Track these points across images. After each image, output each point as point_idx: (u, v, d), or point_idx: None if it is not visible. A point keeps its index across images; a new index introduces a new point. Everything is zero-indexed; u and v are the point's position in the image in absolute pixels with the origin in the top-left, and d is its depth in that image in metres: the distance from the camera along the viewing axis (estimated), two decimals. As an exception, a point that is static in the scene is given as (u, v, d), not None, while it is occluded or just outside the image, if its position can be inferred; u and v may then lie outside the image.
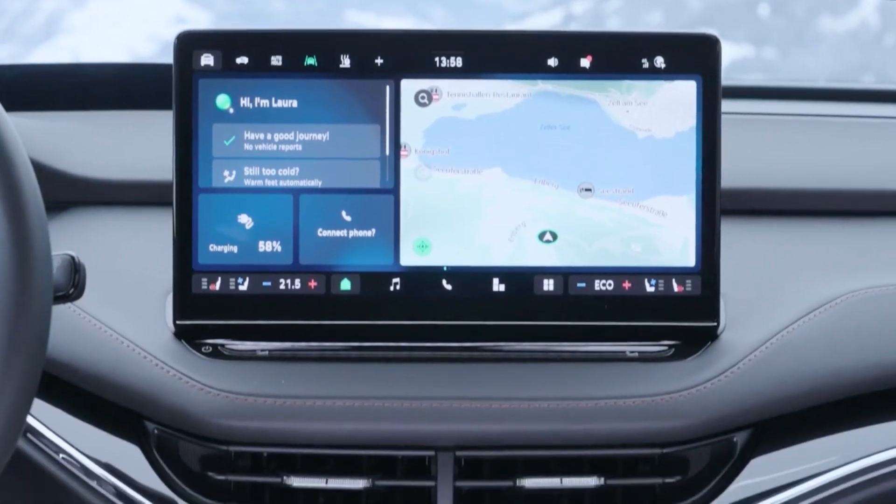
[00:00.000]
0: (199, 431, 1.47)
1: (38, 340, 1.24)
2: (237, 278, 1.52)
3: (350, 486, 1.48)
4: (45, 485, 1.47)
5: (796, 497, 1.48)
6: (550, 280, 1.53)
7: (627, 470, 1.50)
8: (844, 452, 1.50)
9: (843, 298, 1.56)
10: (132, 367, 1.48)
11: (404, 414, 1.46)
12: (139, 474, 1.49)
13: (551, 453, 1.48)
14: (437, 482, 1.47)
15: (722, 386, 1.48)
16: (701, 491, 1.50)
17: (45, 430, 1.48)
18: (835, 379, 1.50)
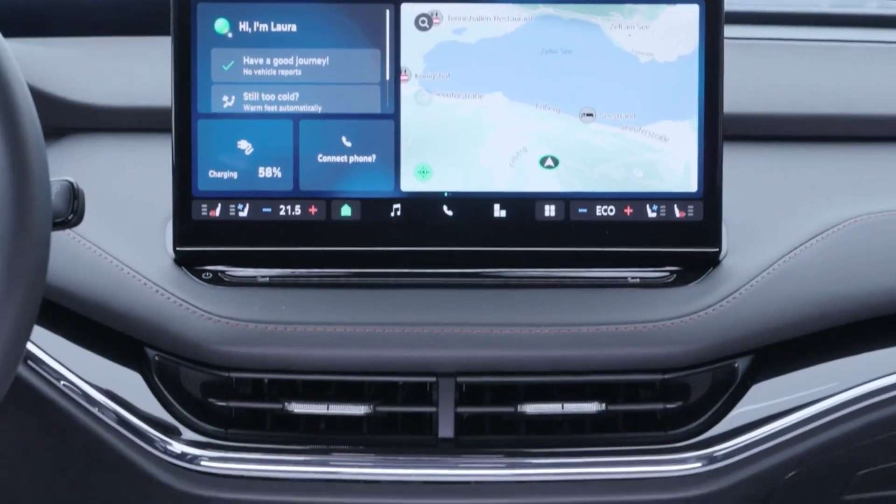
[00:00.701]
0: (200, 358, 1.47)
1: (37, 266, 1.24)
2: (237, 204, 1.52)
3: (351, 412, 1.48)
4: (47, 412, 1.47)
5: (797, 423, 1.48)
6: (551, 206, 1.52)
7: (628, 396, 1.50)
8: (845, 378, 1.50)
9: (845, 224, 1.56)
10: (132, 294, 1.48)
11: (405, 340, 1.46)
12: (140, 401, 1.49)
13: (552, 379, 1.48)
14: (438, 408, 1.47)
15: (723, 312, 1.48)
16: (702, 417, 1.50)
17: (45, 357, 1.47)
18: (836, 305, 1.50)
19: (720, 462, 1.48)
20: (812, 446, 1.49)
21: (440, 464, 1.47)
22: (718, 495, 1.49)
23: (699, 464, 1.48)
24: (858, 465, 1.55)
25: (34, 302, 1.24)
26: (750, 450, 1.48)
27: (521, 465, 1.47)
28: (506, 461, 1.47)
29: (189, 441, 1.48)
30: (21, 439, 1.52)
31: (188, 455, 1.48)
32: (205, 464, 1.48)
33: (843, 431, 1.49)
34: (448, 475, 1.47)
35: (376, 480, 1.47)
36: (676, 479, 1.48)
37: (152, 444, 1.48)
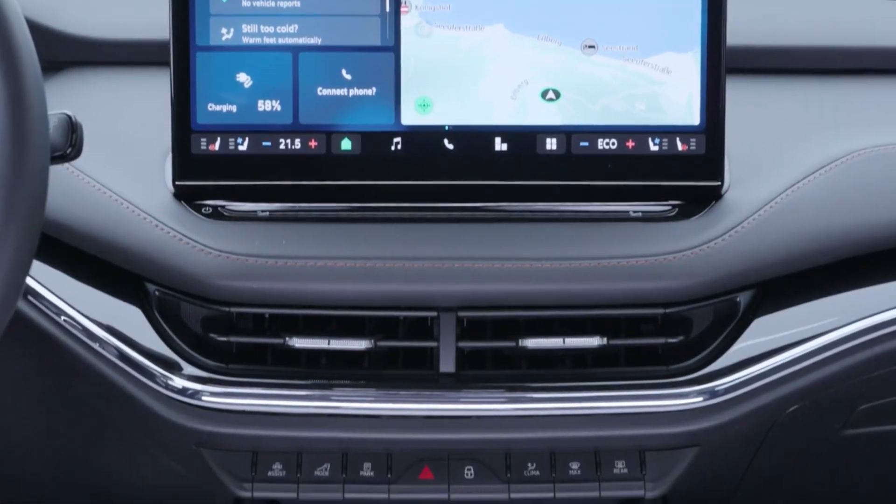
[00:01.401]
0: (200, 293, 1.47)
1: (35, 200, 1.23)
2: (237, 138, 1.51)
3: (352, 347, 1.48)
4: (47, 347, 1.47)
5: (799, 357, 1.48)
6: (553, 139, 1.51)
7: (630, 330, 1.50)
8: (847, 313, 1.50)
9: (848, 157, 1.55)
10: (132, 229, 1.47)
11: (406, 274, 1.45)
12: (141, 336, 1.49)
13: (554, 313, 1.47)
14: (439, 342, 1.47)
15: (726, 245, 1.47)
16: (703, 351, 1.50)
17: (45, 293, 1.47)
18: (839, 238, 1.49)
19: (722, 396, 1.48)
20: (814, 380, 1.49)
21: (441, 398, 1.47)
22: (720, 429, 1.49)
23: (700, 398, 1.48)
24: (860, 400, 1.55)
25: (33, 235, 1.24)
26: (751, 384, 1.48)
27: (521, 399, 1.47)
28: (507, 395, 1.47)
29: (190, 376, 1.48)
30: (22, 375, 1.52)
31: (189, 390, 1.48)
32: (206, 399, 1.48)
33: (844, 366, 1.49)
34: (449, 409, 1.47)
35: (377, 415, 1.47)
36: (678, 414, 1.48)
37: (153, 379, 1.48)
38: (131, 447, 1.57)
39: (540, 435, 1.48)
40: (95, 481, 1.65)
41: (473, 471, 1.53)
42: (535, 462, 1.53)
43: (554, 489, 1.53)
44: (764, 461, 1.57)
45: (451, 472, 1.53)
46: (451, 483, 1.53)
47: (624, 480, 1.53)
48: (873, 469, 1.68)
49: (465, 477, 1.53)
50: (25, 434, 1.60)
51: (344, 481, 1.53)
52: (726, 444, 1.52)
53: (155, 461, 1.57)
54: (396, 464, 1.53)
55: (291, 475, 1.53)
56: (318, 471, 1.53)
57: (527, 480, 1.52)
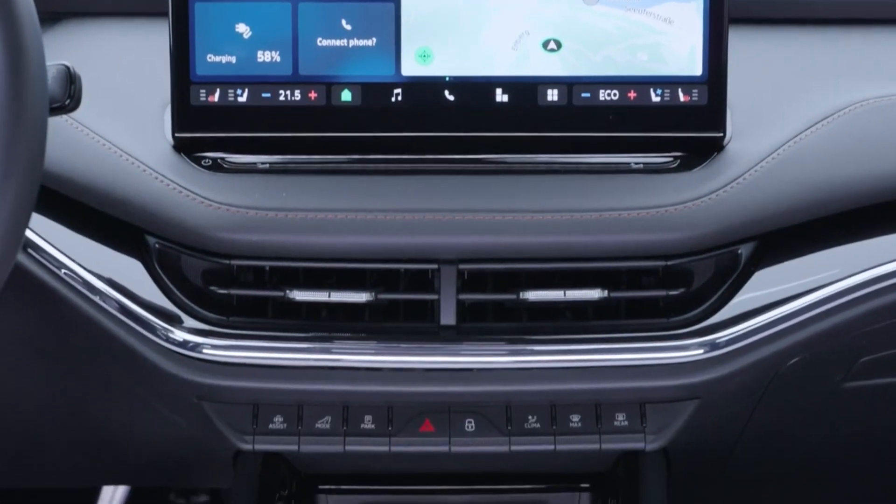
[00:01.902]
0: (201, 245, 1.46)
1: (34, 151, 1.23)
2: (236, 89, 1.50)
3: (353, 300, 1.47)
4: (48, 300, 1.47)
5: (800, 309, 1.48)
6: (554, 90, 1.50)
7: (631, 283, 1.50)
8: (848, 265, 1.50)
9: (851, 108, 1.54)
10: (131, 181, 1.47)
11: (407, 226, 1.45)
12: (141, 289, 1.49)
13: (555, 266, 1.47)
14: (439, 295, 1.47)
15: (727, 197, 1.46)
16: (704, 304, 1.49)
17: (45, 245, 1.47)
18: (842, 189, 1.48)
19: (722, 349, 1.48)
20: (814, 333, 1.49)
21: (442, 351, 1.47)
22: (720, 381, 1.49)
23: (701, 350, 1.48)
24: (860, 352, 1.55)
25: (32, 187, 1.23)
26: (752, 336, 1.48)
27: (522, 351, 1.47)
28: (507, 348, 1.47)
29: (191, 329, 1.48)
30: (23, 328, 1.52)
31: (190, 343, 1.48)
32: (207, 351, 1.48)
33: (845, 318, 1.49)
34: (450, 362, 1.47)
35: (378, 367, 1.47)
36: (678, 366, 1.48)
37: (154, 331, 1.48)
38: (132, 400, 1.57)
39: (540, 387, 1.48)
40: (97, 433, 1.65)
41: (474, 423, 1.53)
42: (536, 414, 1.53)
43: (554, 441, 1.53)
44: (764, 414, 1.57)
45: (451, 425, 1.53)
46: (452, 435, 1.53)
47: (624, 433, 1.53)
48: (873, 421, 1.68)
49: (466, 429, 1.53)
50: (27, 386, 1.60)
51: (345, 434, 1.53)
52: (727, 396, 1.52)
53: (156, 414, 1.57)
54: (397, 416, 1.53)
55: (292, 428, 1.53)
56: (318, 423, 1.53)
57: (527, 433, 1.53)
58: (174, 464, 1.72)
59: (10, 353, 1.55)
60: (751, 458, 1.68)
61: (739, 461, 1.68)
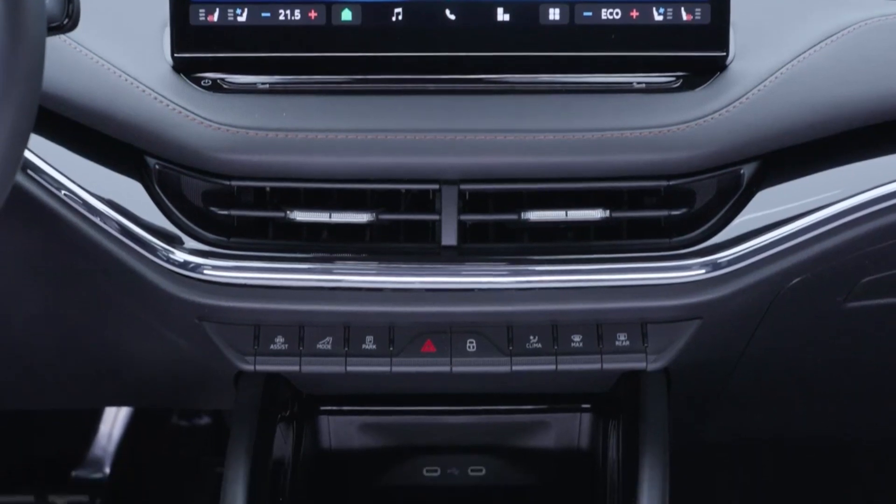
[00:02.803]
0: (201, 166, 1.46)
1: (33, 71, 1.22)
2: (235, 9, 1.48)
3: (354, 220, 1.47)
4: (48, 222, 1.47)
5: (802, 229, 1.48)
6: (556, 9, 1.49)
7: (633, 203, 1.50)
8: (851, 185, 1.49)
9: (855, 27, 1.53)
10: (131, 101, 1.46)
11: (408, 146, 1.44)
12: (142, 210, 1.48)
13: (556, 186, 1.47)
14: (440, 215, 1.46)
15: (730, 116, 1.46)
16: (706, 224, 1.49)
17: (45, 167, 1.46)
18: (846, 108, 1.47)
19: (724, 269, 1.47)
20: (816, 253, 1.48)
21: (443, 271, 1.47)
22: (722, 301, 1.49)
23: (703, 270, 1.48)
24: (862, 272, 1.55)
25: (31, 106, 1.23)
26: (754, 256, 1.48)
27: (524, 272, 1.47)
28: (509, 268, 1.47)
29: (191, 250, 1.48)
30: (23, 250, 1.52)
31: (191, 263, 1.48)
32: (207, 272, 1.48)
33: (847, 238, 1.48)
34: (451, 282, 1.47)
35: (379, 288, 1.47)
36: (680, 286, 1.48)
37: (155, 252, 1.48)
38: (133, 321, 1.57)
39: (542, 307, 1.48)
40: (99, 355, 1.66)
41: (475, 343, 1.53)
42: (537, 335, 1.53)
43: (556, 361, 1.53)
44: (766, 334, 1.58)
45: (452, 345, 1.53)
46: (453, 356, 1.53)
47: (625, 353, 1.54)
48: (874, 342, 1.68)
49: (468, 350, 1.53)
50: (28, 309, 1.61)
51: (346, 354, 1.53)
52: (728, 316, 1.52)
53: (158, 335, 1.58)
54: (398, 337, 1.53)
55: (293, 348, 1.53)
56: (320, 344, 1.53)
57: (529, 353, 1.53)
58: (176, 385, 1.72)
59: (11, 275, 1.55)
60: (751, 378, 1.69)
61: (740, 381, 1.68)
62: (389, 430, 1.67)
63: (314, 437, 1.66)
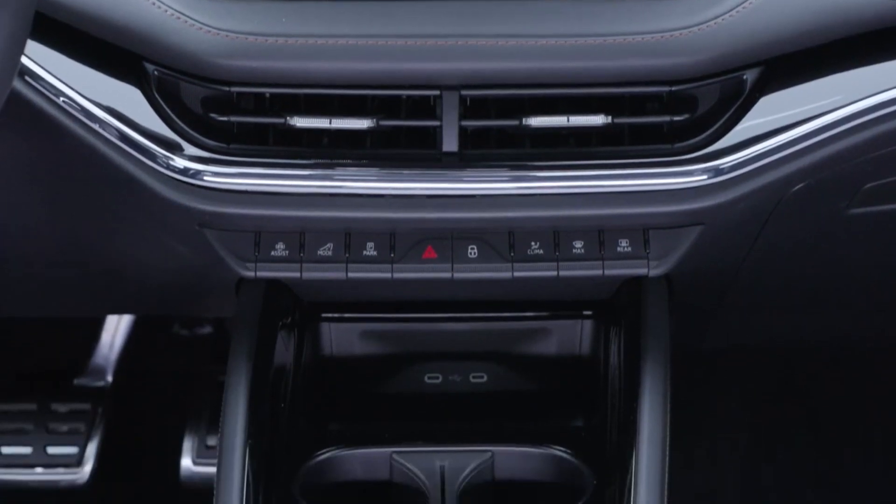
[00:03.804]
0: (200, 72, 1.45)
1: None
2: None
3: (354, 126, 1.46)
4: (47, 129, 1.46)
5: (805, 134, 1.47)
6: None
7: (635, 109, 1.49)
8: (854, 90, 1.48)
9: (860, -71, 1.51)
10: (129, 6, 1.44)
11: (408, 52, 1.43)
12: (141, 117, 1.48)
13: (558, 92, 1.46)
14: (441, 121, 1.46)
15: (733, 21, 1.44)
16: (709, 129, 1.48)
17: (43, 73, 1.45)
18: (848, 13, 1.46)
19: (726, 174, 1.47)
20: (819, 159, 1.48)
21: (444, 177, 1.46)
22: (724, 207, 1.49)
23: (705, 176, 1.47)
24: (865, 178, 1.54)
25: (26, 11, 1.22)
26: (757, 162, 1.47)
27: (525, 178, 1.47)
28: (510, 174, 1.47)
29: (191, 156, 1.47)
30: (23, 158, 1.52)
31: (191, 170, 1.47)
32: (207, 178, 1.47)
33: (850, 143, 1.48)
34: (452, 188, 1.47)
35: (380, 194, 1.47)
36: (682, 192, 1.47)
37: (154, 159, 1.47)
38: (135, 229, 1.57)
39: (543, 213, 1.48)
40: (100, 262, 1.66)
41: (477, 250, 1.53)
42: (539, 241, 1.53)
43: (557, 268, 1.53)
44: (768, 241, 1.57)
45: (454, 251, 1.53)
46: (455, 262, 1.53)
47: (627, 259, 1.53)
48: (876, 249, 1.68)
49: (469, 256, 1.53)
50: (28, 217, 1.60)
51: (347, 260, 1.53)
52: (731, 222, 1.52)
53: (159, 242, 1.58)
54: (399, 243, 1.53)
55: (294, 255, 1.53)
56: (321, 250, 1.53)
57: (530, 259, 1.53)
58: (178, 292, 1.72)
59: (10, 184, 1.54)
60: (752, 285, 1.69)
61: (741, 288, 1.68)
62: (391, 337, 1.68)
63: (315, 345, 1.67)
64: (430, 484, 1.51)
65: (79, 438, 2.27)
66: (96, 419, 2.29)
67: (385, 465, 1.54)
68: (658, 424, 1.49)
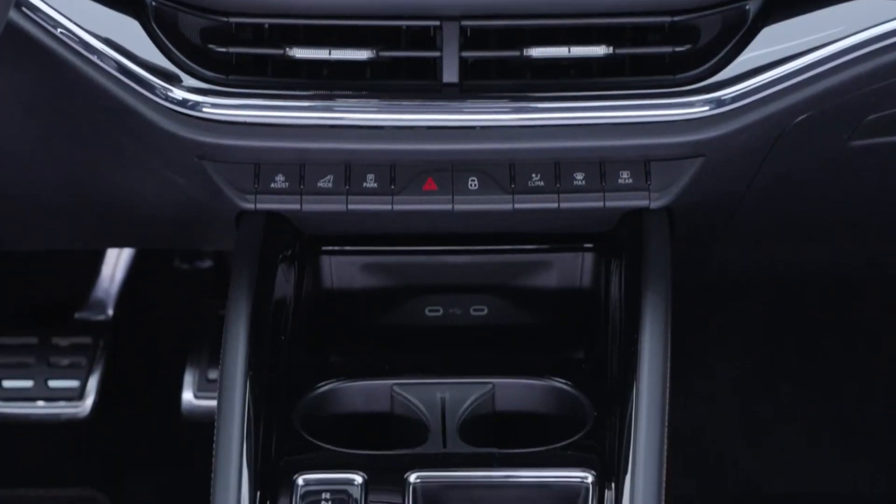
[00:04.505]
0: (198, 2, 1.44)
1: None
2: None
3: (354, 57, 1.45)
4: (45, 61, 1.45)
5: (807, 65, 1.46)
6: None
7: (636, 39, 1.48)
8: (856, 21, 1.47)
9: None
10: None
11: None
12: (139, 48, 1.47)
13: (559, 22, 1.45)
14: (442, 52, 1.45)
15: (735, -51, 1.43)
16: (711, 60, 1.48)
17: (40, 4, 1.44)
18: None
19: (728, 105, 1.46)
20: (821, 89, 1.47)
21: (444, 108, 1.46)
22: (726, 139, 1.48)
23: (707, 107, 1.46)
24: (867, 110, 1.53)
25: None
26: (758, 93, 1.46)
27: (526, 109, 1.46)
28: (511, 105, 1.46)
29: (190, 87, 1.47)
30: (22, 90, 1.51)
31: (189, 101, 1.47)
32: (206, 110, 1.47)
33: (852, 75, 1.47)
34: (452, 120, 1.46)
35: (380, 125, 1.46)
36: (683, 123, 1.47)
37: (153, 90, 1.47)
38: (134, 161, 1.57)
39: (544, 145, 1.47)
40: (99, 195, 1.66)
41: (477, 182, 1.53)
42: (540, 173, 1.52)
43: (558, 199, 1.53)
44: (769, 173, 1.57)
45: (454, 183, 1.53)
46: (455, 194, 1.53)
47: (628, 191, 1.53)
48: (877, 181, 1.68)
49: (469, 188, 1.53)
50: (27, 150, 1.60)
51: (347, 192, 1.53)
52: (732, 154, 1.51)
53: (158, 175, 1.57)
54: (400, 175, 1.52)
55: (294, 187, 1.52)
56: (321, 182, 1.52)
57: (531, 191, 1.52)
58: (178, 225, 1.72)
59: (9, 116, 1.54)
60: (754, 218, 1.69)
61: (742, 220, 1.68)
62: (391, 270, 1.67)
63: (316, 278, 1.66)
64: (431, 416, 1.52)
65: (80, 372, 2.28)
66: (97, 353, 2.30)
67: (385, 397, 1.54)
68: (658, 356, 1.49)
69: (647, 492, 1.41)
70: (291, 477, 1.44)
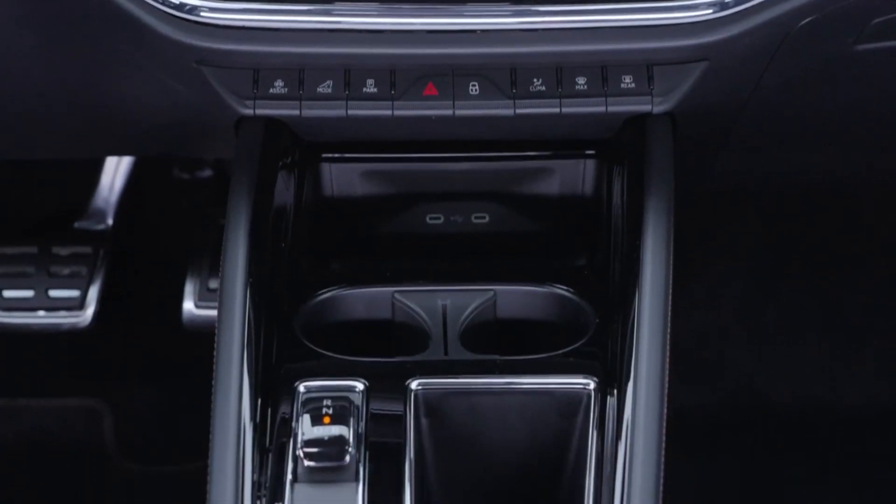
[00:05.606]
0: None
1: None
2: None
3: None
4: None
5: None
6: None
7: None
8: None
9: None
10: None
11: None
12: None
13: None
14: None
15: None
16: None
17: None
18: None
19: (732, 8, 1.45)
20: (827, -8, 1.45)
21: (445, 12, 1.45)
22: (729, 42, 1.47)
23: (710, 10, 1.45)
24: (873, 13, 1.51)
25: None
26: (763, -5, 1.45)
27: (528, 12, 1.45)
28: (512, 9, 1.45)
29: (187, -8, 1.45)
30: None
31: (187, 5, 1.45)
32: (204, 14, 1.46)
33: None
34: (453, 23, 1.45)
35: (379, 29, 1.45)
36: (687, 26, 1.46)
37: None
38: (133, 68, 1.55)
39: (546, 49, 1.46)
40: (98, 101, 1.64)
41: (478, 86, 1.51)
42: (541, 77, 1.51)
43: (560, 104, 1.52)
44: (773, 77, 1.56)
45: (455, 88, 1.51)
46: (456, 99, 1.51)
47: (631, 95, 1.52)
48: (883, 87, 1.66)
49: (470, 93, 1.51)
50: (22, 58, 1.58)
51: (347, 98, 1.51)
52: (736, 58, 1.50)
53: (156, 81, 1.56)
54: (400, 80, 1.51)
55: (294, 92, 1.51)
56: (320, 87, 1.51)
57: (532, 96, 1.51)
58: (177, 132, 1.71)
59: (3, 22, 1.52)
60: (757, 124, 1.67)
61: (746, 126, 1.67)
62: (392, 177, 1.66)
63: (316, 185, 1.66)
64: (432, 322, 1.51)
65: (80, 281, 2.28)
66: (97, 262, 2.30)
67: (386, 304, 1.54)
68: (661, 263, 1.48)
69: (649, 398, 1.41)
70: (292, 384, 1.44)
